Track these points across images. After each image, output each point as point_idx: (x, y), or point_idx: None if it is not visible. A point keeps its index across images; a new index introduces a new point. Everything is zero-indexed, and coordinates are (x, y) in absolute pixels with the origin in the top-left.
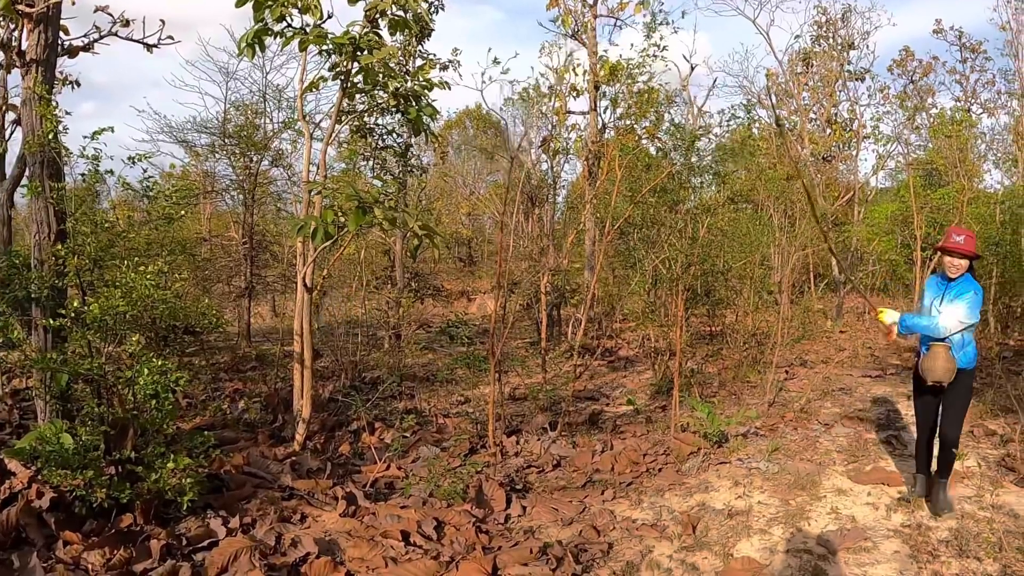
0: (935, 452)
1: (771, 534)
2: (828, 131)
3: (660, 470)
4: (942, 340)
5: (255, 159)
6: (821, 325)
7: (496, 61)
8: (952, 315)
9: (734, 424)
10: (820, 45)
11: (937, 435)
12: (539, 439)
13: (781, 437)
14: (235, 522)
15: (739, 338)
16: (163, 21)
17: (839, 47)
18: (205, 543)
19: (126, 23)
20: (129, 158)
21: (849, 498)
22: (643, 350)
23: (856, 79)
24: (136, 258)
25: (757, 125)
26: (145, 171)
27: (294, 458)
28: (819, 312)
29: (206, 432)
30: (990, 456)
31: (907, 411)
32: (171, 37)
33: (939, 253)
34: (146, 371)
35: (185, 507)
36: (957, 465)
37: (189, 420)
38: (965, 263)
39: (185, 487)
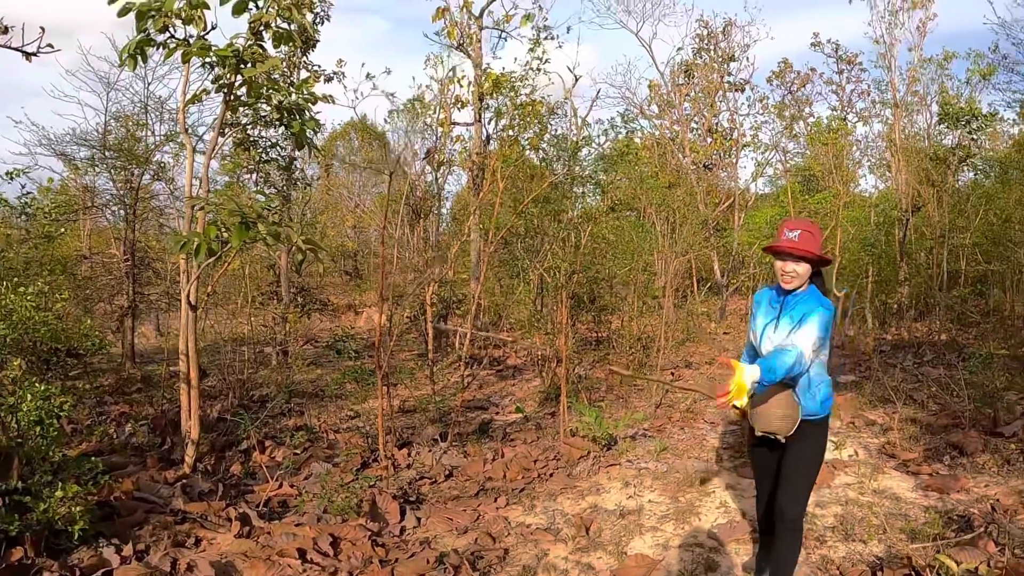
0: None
1: (663, 531)
2: (709, 140)
3: (551, 475)
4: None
5: (136, 173)
6: (705, 327)
7: (369, 76)
8: (803, 342)
9: (622, 427)
10: (701, 57)
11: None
12: (430, 450)
13: (669, 437)
14: (128, 550)
15: (625, 343)
16: (43, 28)
17: (720, 59)
18: (99, 573)
19: (5, 30)
20: (7, 173)
21: (737, 492)
22: (530, 358)
23: (736, 90)
24: (15, 279)
25: (640, 135)
26: (24, 187)
27: (185, 481)
28: (703, 315)
29: (93, 458)
30: (871, 444)
31: None
32: (51, 45)
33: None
34: (29, 396)
35: (76, 537)
36: (837, 454)
37: (75, 446)
38: (804, 269)
39: (75, 516)
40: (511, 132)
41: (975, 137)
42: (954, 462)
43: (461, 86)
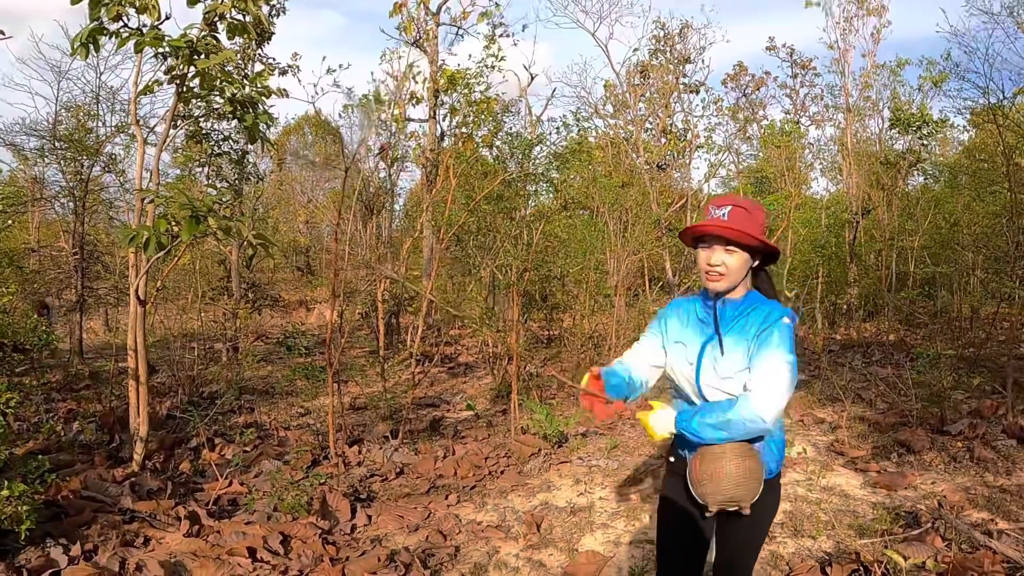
0: None
1: (614, 527)
2: (663, 140)
3: (502, 472)
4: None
5: (87, 164)
6: None
7: (331, 71)
8: (769, 386)
9: (573, 424)
10: (657, 59)
11: None
12: (381, 448)
13: (620, 435)
14: (76, 549)
15: (577, 341)
16: None
17: (675, 61)
18: (47, 574)
19: None
20: None
21: None
22: (482, 355)
23: (691, 91)
24: None
25: (594, 134)
26: None
27: (133, 479)
28: (654, 313)
29: (40, 456)
30: (820, 442)
31: None
32: (2, 32)
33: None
34: None
35: (23, 537)
36: (786, 452)
37: (22, 444)
38: (738, 261)
39: (22, 516)
40: (465, 129)
41: (925, 143)
42: (901, 459)
43: (416, 82)
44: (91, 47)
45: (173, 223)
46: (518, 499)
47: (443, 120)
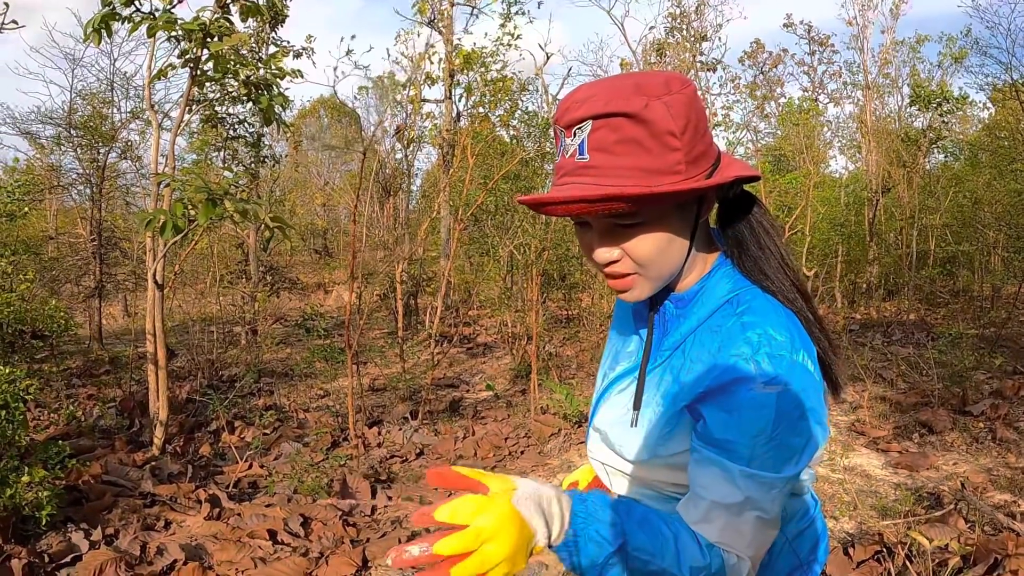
0: None
1: None
2: None
3: (522, 453)
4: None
5: (103, 151)
6: None
7: (350, 51)
8: (724, 531)
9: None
10: (674, 36)
11: None
12: (401, 429)
13: None
14: (97, 534)
15: (595, 320)
16: (7, 4)
17: (692, 39)
18: (68, 558)
19: None
20: None
21: None
22: (501, 336)
23: (708, 70)
24: None
25: None
26: None
27: (154, 463)
28: None
29: (61, 442)
30: (841, 422)
31: None
32: (15, 22)
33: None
34: None
35: (44, 522)
36: None
37: (42, 430)
38: (654, 243)
39: (43, 501)
40: (482, 109)
41: (945, 120)
42: (923, 440)
43: (432, 63)
44: (103, 33)
45: (190, 207)
46: (539, 479)
47: (459, 100)
